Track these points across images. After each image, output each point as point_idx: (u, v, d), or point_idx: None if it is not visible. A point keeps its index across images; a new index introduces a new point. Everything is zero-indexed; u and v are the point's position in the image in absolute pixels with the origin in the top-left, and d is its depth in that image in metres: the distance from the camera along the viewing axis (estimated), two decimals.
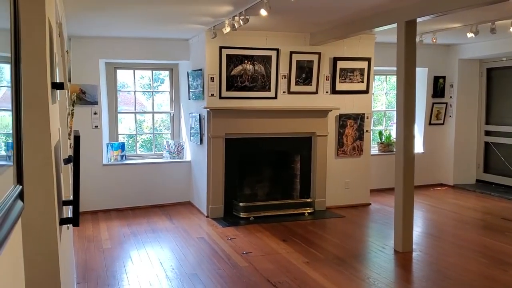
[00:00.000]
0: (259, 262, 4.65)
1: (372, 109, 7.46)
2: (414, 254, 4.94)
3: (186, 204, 7.25)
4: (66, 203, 2.10)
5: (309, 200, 6.69)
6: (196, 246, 5.23)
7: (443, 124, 8.70)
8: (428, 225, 6.26)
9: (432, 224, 6.30)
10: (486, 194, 7.84)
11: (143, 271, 4.51)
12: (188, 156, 7.43)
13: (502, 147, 8.28)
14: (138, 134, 7.81)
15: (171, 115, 7.66)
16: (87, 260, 4.78)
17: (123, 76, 7.52)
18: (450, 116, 8.65)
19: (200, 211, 6.75)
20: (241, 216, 6.29)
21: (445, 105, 8.63)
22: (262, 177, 7.12)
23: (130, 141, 7.66)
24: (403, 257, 4.87)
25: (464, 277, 4.28)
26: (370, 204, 7.19)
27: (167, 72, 7.66)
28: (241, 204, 6.35)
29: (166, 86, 7.79)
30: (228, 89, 6.35)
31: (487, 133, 8.60)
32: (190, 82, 6.91)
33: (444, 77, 8.58)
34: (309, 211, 6.60)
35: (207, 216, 6.45)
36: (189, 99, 7.03)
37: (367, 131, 7.13)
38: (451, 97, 8.62)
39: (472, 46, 8.07)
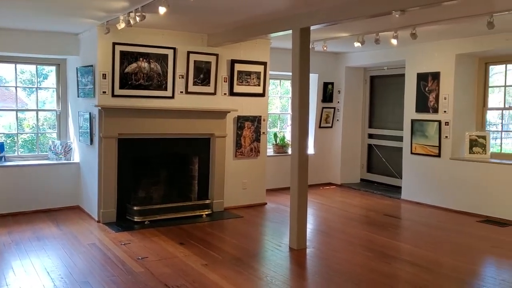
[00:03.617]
0: (156, 267, 4.51)
1: (268, 112, 7.66)
2: (308, 250, 5.16)
3: (74, 209, 6.80)
4: None
5: (207, 201, 6.66)
6: (86, 253, 4.91)
7: (331, 127, 9.24)
8: (319, 222, 6.58)
9: (322, 221, 6.65)
10: (369, 192, 8.47)
11: (27, 282, 4.12)
12: (76, 157, 6.97)
13: (383, 149, 9.03)
14: (19, 133, 7.13)
15: (57, 113, 7.13)
16: None
17: (1, 71, 6.83)
18: (338, 120, 9.21)
19: (91, 216, 6.37)
20: (136, 220, 6.06)
21: (333, 109, 9.18)
22: (158, 180, 6.93)
23: (8, 141, 6.97)
24: (297, 254, 5.06)
25: (352, 271, 4.56)
26: (266, 203, 7.38)
27: (51, 68, 7.11)
28: (135, 208, 6.12)
29: (50, 82, 7.22)
30: (121, 87, 6.09)
31: (370, 136, 9.31)
32: (79, 79, 6.50)
33: (332, 83, 9.11)
34: (207, 212, 6.57)
35: (98, 221, 6.11)
36: (78, 96, 6.61)
37: (263, 133, 7.31)
38: (338, 102, 9.19)
39: (358, 55, 8.69)
